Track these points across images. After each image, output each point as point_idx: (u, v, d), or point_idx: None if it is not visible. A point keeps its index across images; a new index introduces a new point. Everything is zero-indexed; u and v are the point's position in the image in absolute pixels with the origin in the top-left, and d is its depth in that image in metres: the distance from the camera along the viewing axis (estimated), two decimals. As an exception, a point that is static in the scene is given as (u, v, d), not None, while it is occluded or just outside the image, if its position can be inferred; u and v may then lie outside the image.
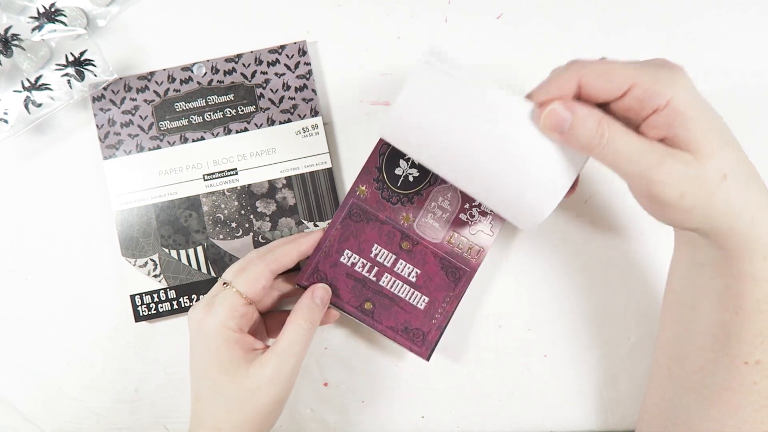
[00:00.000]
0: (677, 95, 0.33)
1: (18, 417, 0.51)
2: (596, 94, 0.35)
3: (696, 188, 0.33)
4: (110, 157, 0.50)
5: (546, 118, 0.35)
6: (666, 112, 0.33)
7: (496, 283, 0.51)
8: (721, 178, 0.33)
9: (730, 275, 0.36)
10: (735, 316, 0.36)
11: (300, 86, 0.51)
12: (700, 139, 0.33)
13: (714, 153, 0.33)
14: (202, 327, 0.41)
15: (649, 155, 0.33)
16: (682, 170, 0.33)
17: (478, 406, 0.51)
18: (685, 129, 0.33)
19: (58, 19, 0.49)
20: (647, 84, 0.33)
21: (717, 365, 0.38)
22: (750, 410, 0.37)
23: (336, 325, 0.51)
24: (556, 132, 0.35)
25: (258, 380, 0.40)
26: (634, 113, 0.34)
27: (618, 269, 0.51)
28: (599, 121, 0.34)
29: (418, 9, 0.52)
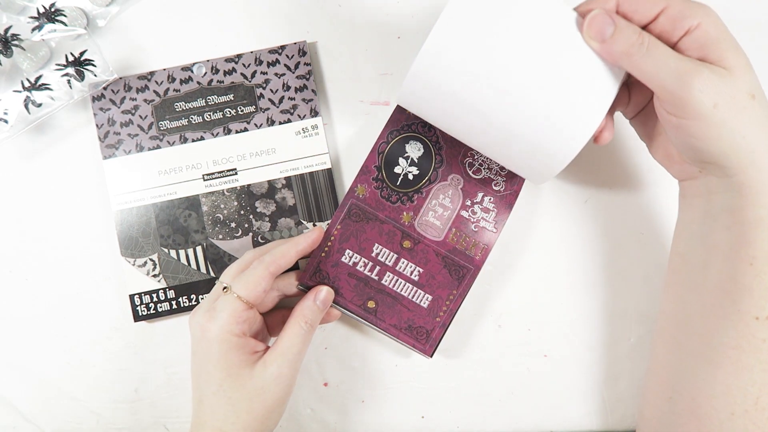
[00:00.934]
0: (707, 19, 0.35)
1: (18, 417, 0.51)
2: (633, 13, 0.36)
3: (728, 100, 0.34)
4: (110, 156, 0.50)
5: (589, 25, 0.36)
6: (697, 34, 0.35)
7: (496, 282, 0.51)
8: (750, 96, 0.35)
9: (745, 221, 0.36)
10: (748, 267, 0.36)
11: (300, 86, 0.51)
12: (731, 59, 0.35)
13: (744, 73, 0.35)
14: (204, 333, 0.41)
15: (687, 64, 0.35)
16: (718, 81, 0.34)
17: (478, 406, 0.51)
18: (717, 49, 0.35)
19: (58, 19, 0.49)
20: (680, 6, 0.35)
21: (726, 323, 0.37)
22: (758, 370, 0.37)
23: (336, 325, 0.51)
24: (597, 38, 0.36)
25: (262, 381, 0.41)
26: (668, 35, 0.36)
27: (618, 269, 0.51)
28: (639, 30, 0.36)
29: (418, 9, 0.52)
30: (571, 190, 0.51)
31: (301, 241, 0.46)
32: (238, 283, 0.42)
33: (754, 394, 0.37)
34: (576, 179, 0.51)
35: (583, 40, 0.36)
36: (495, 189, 0.48)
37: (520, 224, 0.51)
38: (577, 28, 0.37)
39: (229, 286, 0.42)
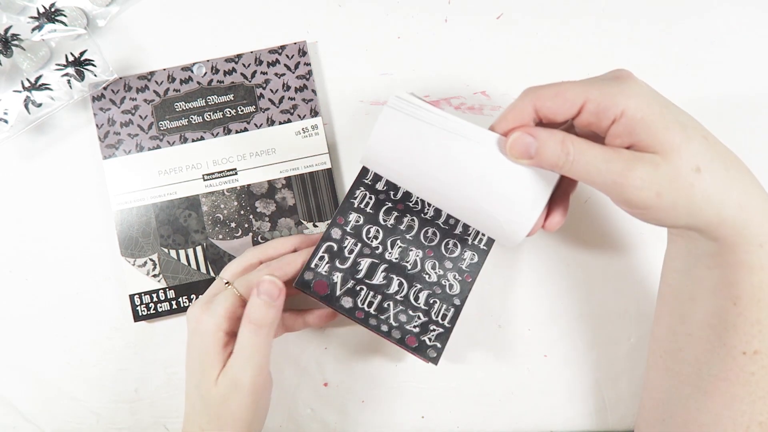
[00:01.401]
0: (630, 103, 0.34)
1: (18, 417, 0.51)
2: (554, 116, 0.36)
3: (671, 185, 0.34)
4: (110, 156, 0.50)
5: (512, 147, 0.36)
6: (624, 121, 0.34)
7: (496, 283, 0.51)
8: (694, 171, 0.34)
9: (727, 264, 0.36)
10: (732, 306, 0.36)
11: (300, 86, 0.51)
12: (662, 139, 0.33)
13: (681, 148, 0.33)
14: (198, 325, 0.41)
15: (617, 163, 0.34)
16: (653, 171, 0.33)
17: (478, 406, 0.51)
18: (646, 133, 0.33)
19: (58, 19, 0.49)
20: (598, 99, 0.34)
21: (714, 356, 0.37)
22: (748, 401, 0.37)
23: (336, 325, 0.51)
24: (524, 157, 0.36)
25: (223, 389, 0.40)
26: (596, 127, 0.35)
27: (618, 269, 0.51)
28: (562, 140, 0.35)
29: (418, 9, 0.52)
30: (571, 190, 0.51)
31: (308, 252, 0.45)
32: (240, 282, 0.42)
33: (744, 424, 0.37)
34: (576, 179, 0.51)
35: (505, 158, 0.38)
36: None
37: (520, 224, 0.51)
38: (499, 149, 0.38)
39: (231, 283, 0.42)
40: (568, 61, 0.52)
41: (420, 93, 0.51)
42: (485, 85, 0.52)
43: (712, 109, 0.51)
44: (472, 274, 0.47)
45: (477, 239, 0.47)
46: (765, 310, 0.36)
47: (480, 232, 0.47)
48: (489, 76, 0.52)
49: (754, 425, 0.37)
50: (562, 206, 0.40)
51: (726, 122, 0.51)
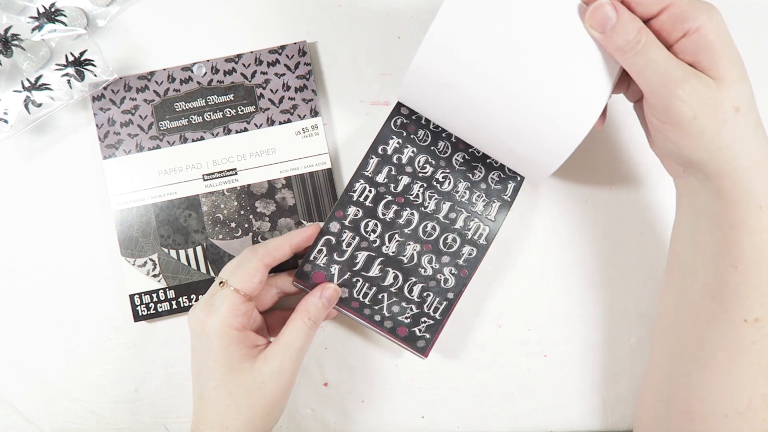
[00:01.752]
0: (708, 24, 0.34)
1: (18, 417, 0.51)
2: (636, 6, 0.36)
3: (710, 112, 0.34)
4: (110, 156, 0.50)
5: (592, 14, 0.36)
6: (695, 38, 0.34)
7: (496, 283, 0.51)
8: (734, 109, 0.35)
9: (728, 225, 0.36)
10: (733, 270, 0.36)
11: (300, 86, 0.51)
12: (722, 69, 0.34)
13: (732, 85, 0.35)
14: (204, 328, 0.41)
15: (676, 70, 0.35)
16: (702, 91, 0.34)
17: (478, 406, 0.51)
18: (711, 56, 0.34)
19: (58, 19, 0.49)
20: (684, 5, 0.35)
21: (715, 325, 0.37)
22: (749, 373, 0.37)
23: (336, 325, 0.51)
24: (599, 29, 0.36)
25: (263, 375, 0.41)
26: (668, 34, 0.35)
27: (618, 269, 0.51)
28: (640, 27, 0.35)
29: (418, 9, 0.52)
30: (571, 190, 0.51)
31: (295, 235, 0.46)
32: (233, 277, 0.42)
33: (746, 396, 0.37)
34: (576, 179, 0.51)
35: (583, 28, 0.37)
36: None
37: (521, 224, 0.51)
38: (579, 15, 0.37)
39: (225, 281, 0.42)
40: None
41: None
42: (485, 85, 0.52)
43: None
44: (469, 269, 0.47)
45: (477, 234, 0.47)
46: (765, 274, 0.36)
47: (479, 228, 0.47)
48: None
49: (757, 398, 0.37)
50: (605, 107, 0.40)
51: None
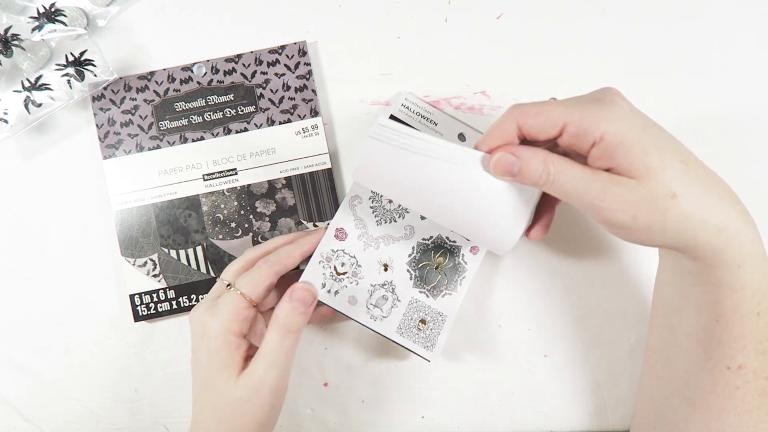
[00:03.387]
0: (609, 128, 0.34)
1: (18, 417, 0.51)
2: (536, 134, 0.37)
3: (647, 208, 0.34)
4: (110, 156, 0.50)
5: (496, 165, 0.38)
6: (603, 145, 0.34)
7: (496, 283, 0.51)
8: (670, 196, 0.34)
9: (708, 283, 0.37)
10: (715, 323, 0.37)
11: (300, 86, 0.51)
12: (639, 165, 0.34)
13: (657, 174, 0.34)
14: (204, 329, 0.41)
15: (595, 185, 0.35)
16: (628, 195, 0.34)
17: (478, 406, 0.51)
18: (624, 157, 0.34)
19: (58, 19, 0.49)
20: (578, 121, 0.35)
21: (701, 369, 0.38)
22: (734, 414, 0.37)
23: (336, 325, 0.51)
24: (507, 175, 0.38)
25: (243, 391, 0.40)
26: (578, 148, 0.36)
27: (618, 269, 0.51)
28: (544, 159, 0.36)
29: (418, 9, 0.52)
30: (571, 190, 0.51)
31: (305, 242, 0.46)
32: (241, 281, 0.42)
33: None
34: (576, 179, 0.51)
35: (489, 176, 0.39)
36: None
37: (520, 224, 0.51)
38: (483, 167, 0.39)
39: (232, 284, 0.42)
40: (568, 61, 0.52)
41: (420, 93, 0.51)
42: (485, 85, 0.52)
43: (712, 108, 0.51)
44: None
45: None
46: (748, 326, 0.36)
47: None
48: (489, 76, 0.52)
49: None
50: (547, 218, 0.42)
51: (727, 122, 0.51)
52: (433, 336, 0.47)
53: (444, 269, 0.47)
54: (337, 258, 0.47)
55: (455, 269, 0.47)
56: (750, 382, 0.37)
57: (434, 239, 0.47)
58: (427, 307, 0.47)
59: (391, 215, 0.48)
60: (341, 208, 0.48)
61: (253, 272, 0.43)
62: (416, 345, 0.47)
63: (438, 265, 0.47)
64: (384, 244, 0.47)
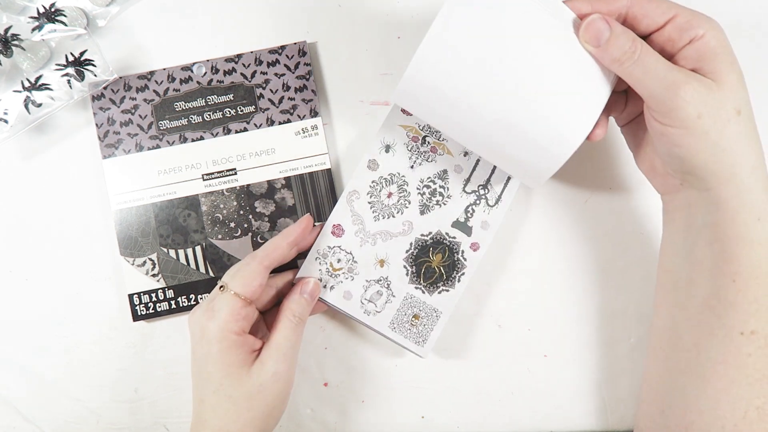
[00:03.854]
0: (711, 32, 0.36)
1: (18, 417, 0.51)
2: (642, 18, 0.37)
3: (713, 112, 0.35)
4: (109, 156, 0.50)
5: (586, 29, 0.37)
6: (699, 44, 0.36)
7: (496, 283, 0.51)
8: (736, 111, 0.36)
9: (726, 238, 0.37)
10: (731, 284, 0.37)
11: (300, 87, 0.51)
12: (724, 73, 0.36)
13: (733, 89, 0.36)
14: (204, 332, 0.41)
15: (676, 74, 0.35)
16: (705, 93, 0.35)
17: (478, 406, 0.51)
18: (713, 62, 0.36)
19: (58, 19, 0.49)
20: (689, 16, 0.36)
21: (712, 339, 0.38)
22: (745, 384, 0.37)
23: (336, 325, 0.51)
24: (593, 43, 0.37)
25: (261, 379, 0.41)
26: (672, 44, 0.37)
27: (618, 269, 0.51)
28: (634, 38, 0.36)
29: (418, 9, 0.52)
30: (571, 190, 0.51)
31: (291, 232, 0.46)
32: (233, 281, 0.43)
33: (742, 408, 0.38)
34: (576, 180, 0.51)
35: (578, 43, 0.37)
36: None
37: (521, 224, 0.51)
38: (573, 30, 0.37)
39: (225, 284, 0.43)
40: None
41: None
42: (485, 84, 0.52)
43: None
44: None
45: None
46: (762, 287, 0.37)
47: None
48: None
49: (752, 409, 0.38)
50: (606, 119, 0.40)
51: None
52: (425, 332, 0.47)
53: (442, 265, 0.47)
54: (333, 255, 0.47)
55: (454, 266, 0.47)
56: (762, 348, 0.37)
57: (433, 235, 0.47)
58: (422, 303, 0.47)
59: (390, 210, 0.48)
60: (338, 203, 0.48)
61: (243, 270, 0.43)
62: (407, 340, 0.47)
63: (436, 262, 0.47)
64: (381, 240, 0.47)
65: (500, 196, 0.48)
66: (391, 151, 0.48)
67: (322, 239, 0.47)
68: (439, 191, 0.48)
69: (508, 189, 0.48)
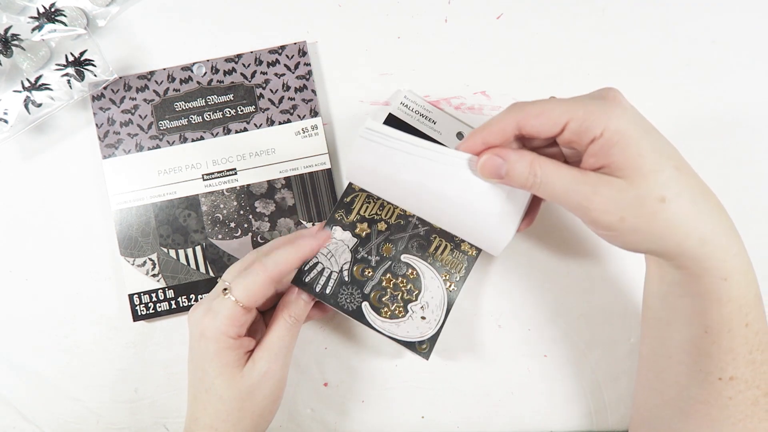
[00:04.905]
0: (610, 125, 0.34)
1: (18, 417, 0.51)
2: (537, 134, 0.37)
3: (634, 211, 0.34)
4: (109, 156, 0.50)
5: (483, 167, 0.38)
6: (601, 142, 0.34)
7: (496, 283, 0.51)
8: (659, 200, 0.34)
9: (695, 294, 0.37)
10: (704, 334, 0.37)
11: (300, 87, 0.51)
12: (633, 164, 0.34)
13: (649, 176, 0.34)
14: (201, 331, 0.41)
15: (583, 186, 0.35)
16: (617, 196, 0.34)
17: (478, 406, 0.51)
18: (619, 155, 0.34)
19: (58, 19, 0.49)
20: (581, 118, 0.35)
21: (692, 381, 0.38)
22: (728, 424, 0.38)
23: (336, 325, 0.51)
24: (495, 177, 0.38)
25: (252, 379, 0.41)
26: (577, 144, 0.36)
27: (618, 269, 0.51)
28: (530, 162, 0.37)
29: (418, 9, 0.52)
30: (571, 190, 0.51)
31: (305, 248, 0.44)
32: (238, 286, 0.41)
33: None
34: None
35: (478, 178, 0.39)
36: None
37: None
38: (471, 170, 0.39)
39: (229, 288, 0.42)
40: (568, 61, 0.52)
41: (420, 93, 0.51)
42: (485, 85, 0.52)
43: (711, 108, 0.51)
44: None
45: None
46: (737, 338, 0.36)
47: None
48: (489, 76, 0.52)
49: None
50: (533, 213, 0.42)
51: (726, 122, 0.51)
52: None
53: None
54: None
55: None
56: (742, 392, 0.37)
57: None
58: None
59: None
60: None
61: (249, 278, 0.41)
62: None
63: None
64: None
65: None
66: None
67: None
68: None
69: None
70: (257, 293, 0.41)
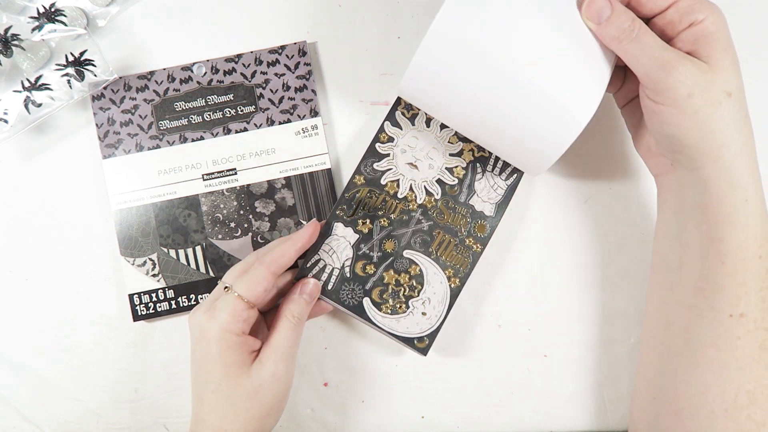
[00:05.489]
0: (711, 17, 0.37)
1: (18, 417, 0.51)
2: (647, 3, 0.38)
3: (704, 92, 0.36)
4: (109, 156, 0.50)
5: (588, 6, 0.38)
6: (697, 28, 0.36)
7: (496, 282, 0.51)
8: (726, 94, 0.37)
9: (714, 218, 0.38)
10: (720, 265, 0.38)
11: (300, 86, 0.51)
12: (718, 57, 0.36)
13: (728, 70, 0.37)
14: (204, 332, 0.41)
15: (671, 54, 0.36)
16: (697, 73, 0.36)
17: (478, 406, 0.51)
18: (709, 46, 0.36)
19: (58, 19, 0.49)
20: (691, 0, 0.37)
21: (702, 322, 0.39)
22: (735, 368, 0.38)
23: (336, 325, 0.51)
24: (594, 20, 0.38)
25: (260, 379, 0.41)
26: (672, 27, 0.37)
27: (618, 269, 0.51)
28: (633, 18, 0.37)
29: (418, 9, 0.52)
30: (571, 190, 0.51)
31: (298, 238, 0.45)
32: (239, 283, 0.42)
33: (732, 393, 0.38)
34: (576, 179, 0.51)
35: (581, 22, 0.38)
36: None
37: (521, 224, 0.51)
38: (576, 7, 0.38)
39: (230, 286, 0.42)
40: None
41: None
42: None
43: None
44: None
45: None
46: (751, 270, 0.37)
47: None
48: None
49: (742, 394, 0.38)
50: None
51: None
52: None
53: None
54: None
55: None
56: (751, 332, 0.37)
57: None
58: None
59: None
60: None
61: (250, 274, 0.43)
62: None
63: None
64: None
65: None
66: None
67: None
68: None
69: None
70: (258, 286, 0.42)
